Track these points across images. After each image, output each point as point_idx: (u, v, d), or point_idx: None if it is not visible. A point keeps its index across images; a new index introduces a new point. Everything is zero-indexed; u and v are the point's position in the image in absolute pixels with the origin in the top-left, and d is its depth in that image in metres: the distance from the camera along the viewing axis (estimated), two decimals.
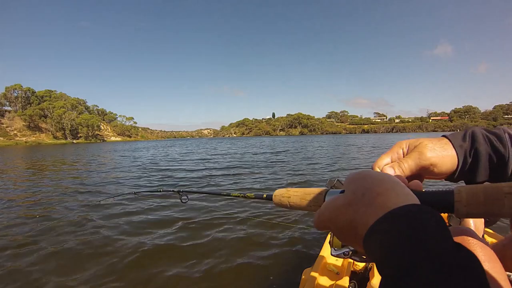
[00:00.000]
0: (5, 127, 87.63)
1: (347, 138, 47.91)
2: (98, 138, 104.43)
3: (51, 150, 33.51)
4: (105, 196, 5.34)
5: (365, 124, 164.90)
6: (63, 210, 4.45)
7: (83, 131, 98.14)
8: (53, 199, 5.46)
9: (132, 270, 2.33)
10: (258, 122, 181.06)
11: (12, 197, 5.74)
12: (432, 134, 70.64)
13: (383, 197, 0.31)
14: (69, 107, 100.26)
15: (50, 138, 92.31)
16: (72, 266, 2.50)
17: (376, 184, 0.33)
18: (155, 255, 2.57)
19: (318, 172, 7.92)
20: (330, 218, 0.37)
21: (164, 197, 4.36)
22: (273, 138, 66.76)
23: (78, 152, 24.86)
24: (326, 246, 1.48)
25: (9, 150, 37.85)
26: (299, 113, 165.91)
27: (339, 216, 0.35)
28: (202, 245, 2.65)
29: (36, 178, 8.72)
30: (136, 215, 3.84)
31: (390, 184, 0.33)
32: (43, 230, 3.49)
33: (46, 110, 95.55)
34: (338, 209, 0.35)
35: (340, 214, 0.35)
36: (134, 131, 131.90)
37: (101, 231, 3.33)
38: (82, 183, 7.32)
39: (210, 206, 3.98)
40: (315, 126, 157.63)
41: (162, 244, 2.76)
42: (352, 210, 0.33)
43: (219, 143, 43.38)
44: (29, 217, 4.10)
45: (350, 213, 0.33)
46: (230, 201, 3.92)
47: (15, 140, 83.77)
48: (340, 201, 0.36)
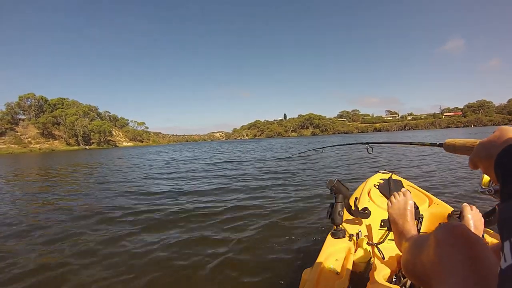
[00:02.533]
0: (20, 135, 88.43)
1: (362, 137, 46.77)
2: (110, 143, 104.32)
3: (82, 156, 33.00)
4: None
5: (377, 123, 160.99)
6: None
7: (95, 137, 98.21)
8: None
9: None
10: (269, 124, 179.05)
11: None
12: (445, 131, 67.99)
13: (511, 138, 0.46)
14: (81, 114, 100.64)
15: (63, 145, 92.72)
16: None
17: (508, 130, 0.49)
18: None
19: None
20: (477, 154, 0.53)
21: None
22: (285, 140, 66.12)
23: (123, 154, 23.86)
24: (326, 246, 1.43)
25: (26, 157, 37.85)
26: (310, 113, 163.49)
27: (483, 152, 0.51)
28: (201, 244, 2.60)
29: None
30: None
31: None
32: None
33: (59, 118, 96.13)
34: (483, 147, 0.52)
35: (484, 150, 0.51)
36: (146, 135, 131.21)
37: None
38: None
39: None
40: (326, 126, 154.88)
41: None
42: (491, 146, 0.49)
43: (239, 144, 42.56)
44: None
45: (490, 149, 0.49)
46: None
47: (29, 148, 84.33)
48: (485, 141, 0.52)
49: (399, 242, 1.16)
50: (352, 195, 1.96)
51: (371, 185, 2.02)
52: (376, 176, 2.20)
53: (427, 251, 0.66)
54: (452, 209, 1.55)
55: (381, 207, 1.70)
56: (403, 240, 1.02)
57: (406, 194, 1.32)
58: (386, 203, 1.41)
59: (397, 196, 1.34)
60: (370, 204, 1.77)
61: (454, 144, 0.79)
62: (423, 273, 0.67)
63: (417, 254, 0.72)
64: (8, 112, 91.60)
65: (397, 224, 1.22)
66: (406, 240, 0.95)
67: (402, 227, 1.18)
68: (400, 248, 1.13)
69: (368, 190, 1.96)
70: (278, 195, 4.44)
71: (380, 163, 8.23)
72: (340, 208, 1.50)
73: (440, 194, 3.73)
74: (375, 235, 1.56)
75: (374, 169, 6.00)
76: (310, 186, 5.07)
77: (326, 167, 7.96)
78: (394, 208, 1.29)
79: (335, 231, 1.51)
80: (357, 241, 1.46)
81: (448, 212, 1.52)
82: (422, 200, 1.74)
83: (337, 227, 1.51)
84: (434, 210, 1.63)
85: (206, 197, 4.67)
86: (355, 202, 1.61)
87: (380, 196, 1.89)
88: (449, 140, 0.82)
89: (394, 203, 1.31)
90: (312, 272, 1.27)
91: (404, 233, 1.12)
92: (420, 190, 1.97)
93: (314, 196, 4.15)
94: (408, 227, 1.16)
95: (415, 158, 8.84)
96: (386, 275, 1.24)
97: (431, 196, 1.83)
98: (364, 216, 1.61)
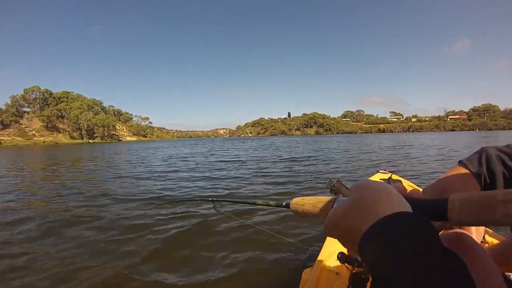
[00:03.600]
0: (24, 128, 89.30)
1: (366, 138, 46.61)
2: (114, 138, 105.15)
3: (87, 149, 33.28)
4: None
5: (381, 124, 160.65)
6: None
7: (99, 131, 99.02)
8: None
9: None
10: (273, 122, 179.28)
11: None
12: (450, 134, 68.07)
13: (377, 205, 0.34)
14: (86, 108, 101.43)
15: (67, 138, 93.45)
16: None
17: (372, 194, 0.36)
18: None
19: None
20: (334, 225, 0.39)
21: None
22: (290, 138, 66.23)
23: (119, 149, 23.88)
24: (326, 246, 1.48)
25: (29, 149, 38.04)
26: (314, 112, 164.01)
27: (340, 223, 0.38)
28: (202, 246, 2.55)
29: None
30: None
31: (385, 193, 0.35)
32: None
33: (63, 111, 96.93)
34: (340, 217, 0.38)
35: (342, 221, 0.38)
36: (149, 131, 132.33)
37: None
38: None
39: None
40: (330, 125, 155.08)
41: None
42: (351, 218, 0.36)
43: (242, 142, 42.63)
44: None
45: (349, 221, 0.36)
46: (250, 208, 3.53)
47: (34, 140, 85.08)
48: (342, 209, 0.38)
49: None
50: None
51: None
52: (376, 176, 2.15)
53: None
54: None
55: None
56: None
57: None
58: None
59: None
60: None
61: (303, 205, 0.66)
62: None
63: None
64: (13, 104, 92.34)
65: None
66: None
67: None
68: None
69: None
70: (278, 194, 4.42)
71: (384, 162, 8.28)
72: None
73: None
74: None
75: (374, 169, 6.20)
76: (310, 186, 5.04)
77: (325, 166, 7.94)
78: None
79: None
80: None
81: None
82: None
83: None
84: None
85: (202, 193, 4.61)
86: None
87: None
88: (296, 200, 0.69)
89: None
90: (312, 272, 1.27)
91: None
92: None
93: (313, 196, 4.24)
94: None
95: (417, 158, 8.97)
96: None
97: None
98: None
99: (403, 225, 0.29)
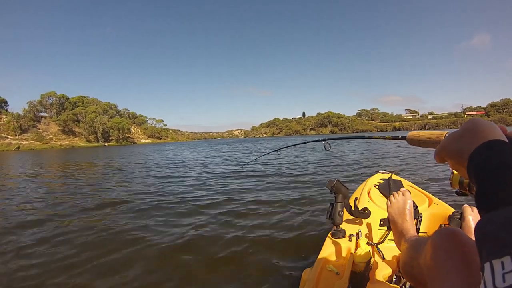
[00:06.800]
0: (42, 132, 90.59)
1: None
2: (129, 140, 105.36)
3: (103, 152, 33.17)
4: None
5: (396, 122, 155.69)
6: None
7: (114, 134, 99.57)
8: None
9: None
10: (288, 122, 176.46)
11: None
12: None
13: (484, 133, 0.41)
14: (101, 112, 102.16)
15: (83, 141, 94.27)
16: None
17: (482, 124, 0.43)
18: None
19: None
20: (445, 147, 0.47)
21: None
22: (304, 138, 64.69)
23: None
24: (326, 246, 1.48)
25: (47, 152, 38.22)
26: (329, 111, 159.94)
27: (452, 145, 0.46)
28: (201, 245, 2.57)
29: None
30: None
31: (491, 126, 0.42)
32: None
33: (79, 115, 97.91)
34: (452, 140, 0.46)
35: (453, 143, 0.46)
36: (164, 133, 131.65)
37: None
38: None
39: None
40: (345, 124, 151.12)
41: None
42: (462, 141, 0.44)
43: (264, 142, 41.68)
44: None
45: (460, 143, 0.44)
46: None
47: (51, 144, 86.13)
48: (455, 134, 0.47)
49: (398, 241, 1.16)
50: (352, 195, 1.97)
51: (371, 185, 2.01)
52: (376, 176, 2.17)
53: (424, 255, 0.66)
54: (453, 210, 1.55)
55: (381, 207, 1.69)
56: (402, 240, 1.03)
57: (405, 194, 1.33)
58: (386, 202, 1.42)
59: (396, 195, 1.34)
60: (370, 204, 1.76)
61: (418, 137, 0.74)
62: (420, 275, 0.68)
63: (414, 257, 0.73)
64: (30, 110, 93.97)
65: (396, 223, 1.23)
66: (405, 241, 0.95)
67: (401, 227, 1.19)
68: (399, 247, 1.12)
69: (368, 190, 1.95)
70: (277, 195, 4.32)
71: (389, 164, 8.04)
72: (340, 208, 1.50)
73: (441, 194, 3.67)
74: (375, 235, 1.56)
75: (374, 169, 6.13)
76: (310, 186, 4.98)
77: (325, 167, 7.92)
78: (393, 208, 1.30)
79: (335, 231, 1.50)
80: (357, 241, 1.44)
81: (449, 213, 1.51)
82: (422, 200, 1.74)
83: (337, 227, 1.50)
84: (434, 210, 1.63)
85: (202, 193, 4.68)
86: (355, 202, 1.59)
87: (380, 196, 1.88)
88: (412, 133, 0.78)
89: (393, 202, 1.33)
90: (312, 272, 1.27)
91: (403, 233, 1.13)
92: (420, 190, 1.96)
93: (314, 196, 4.08)
94: (407, 227, 1.17)
95: (417, 158, 8.89)
96: (386, 275, 1.26)
97: (431, 196, 1.82)
98: (364, 216, 1.60)
99: (501, 147, 0.36)
